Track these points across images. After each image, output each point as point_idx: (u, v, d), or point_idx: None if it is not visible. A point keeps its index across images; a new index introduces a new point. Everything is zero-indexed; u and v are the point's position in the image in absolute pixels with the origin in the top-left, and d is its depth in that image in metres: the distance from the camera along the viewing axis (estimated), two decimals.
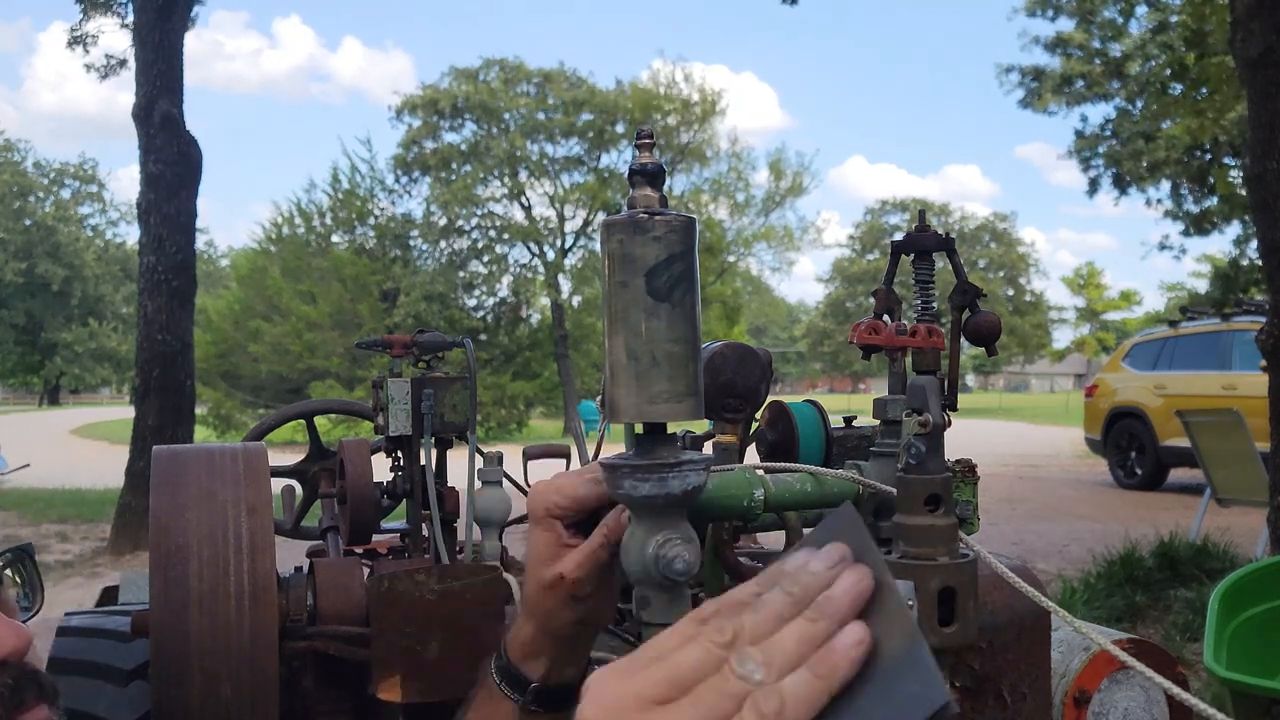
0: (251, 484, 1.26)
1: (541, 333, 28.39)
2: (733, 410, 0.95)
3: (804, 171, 29.68)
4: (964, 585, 0.65)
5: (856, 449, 0.98)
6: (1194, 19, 8.64)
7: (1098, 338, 52.14)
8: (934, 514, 0.66)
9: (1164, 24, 13.90)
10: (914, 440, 0.67)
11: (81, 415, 37.59)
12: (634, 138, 0.67)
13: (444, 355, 1.81)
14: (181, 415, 7.95)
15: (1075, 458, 15.50)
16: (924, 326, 0.80)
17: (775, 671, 0.48)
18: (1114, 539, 5.59)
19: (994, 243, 50.22)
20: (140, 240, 8.08)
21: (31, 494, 10.98)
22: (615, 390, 0.64)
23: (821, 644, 0.49)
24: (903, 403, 0.73)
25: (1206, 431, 6.59)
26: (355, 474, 1.71)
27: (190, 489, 1.23)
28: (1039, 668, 0.75)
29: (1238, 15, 4.53)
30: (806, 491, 0.78)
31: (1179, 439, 8.10)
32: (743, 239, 30.04)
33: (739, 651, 0.49)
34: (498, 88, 26.81)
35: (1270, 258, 4.43)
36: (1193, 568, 5.09)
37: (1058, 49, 16.81)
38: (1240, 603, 2.29)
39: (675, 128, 27.41)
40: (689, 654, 0.50)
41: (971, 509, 0.86)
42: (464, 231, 28.12)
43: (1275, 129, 4.37)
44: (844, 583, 0.51)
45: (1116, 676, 0.84)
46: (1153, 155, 16.41)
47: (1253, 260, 16.97)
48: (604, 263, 0.64)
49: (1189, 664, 3.45)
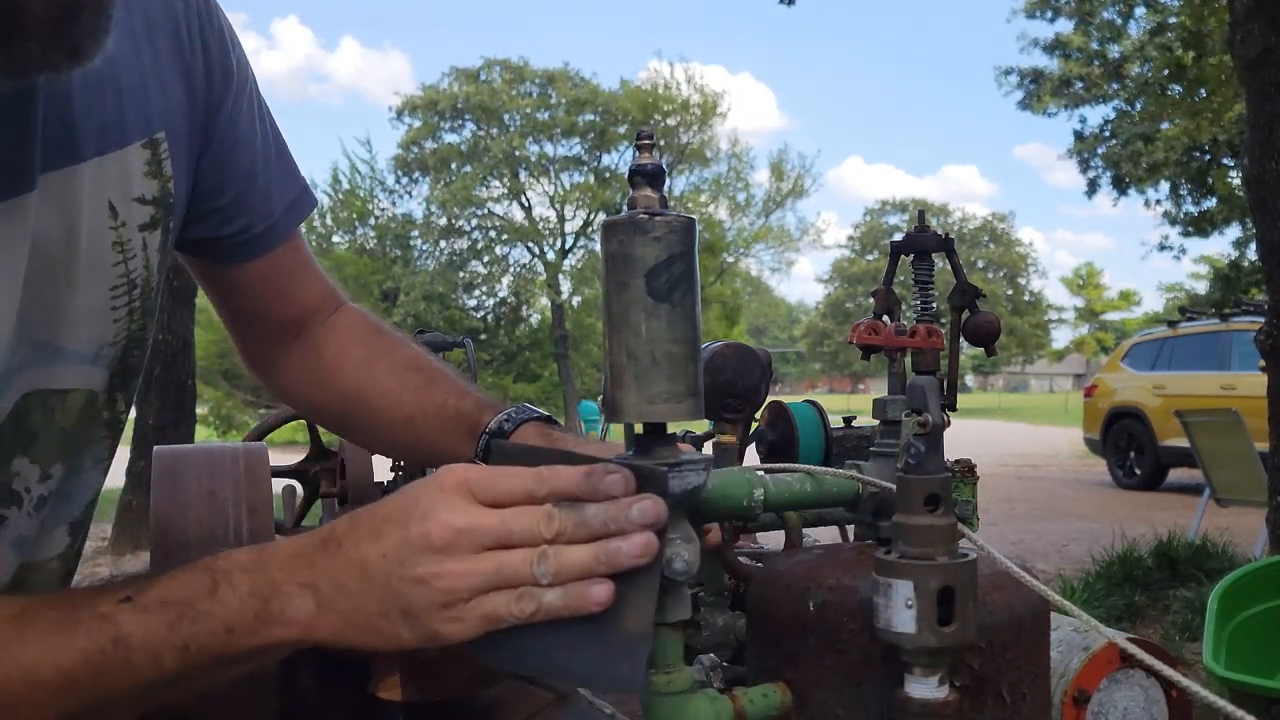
0: (252, 484, 1.26)
1: (541, 333, 28.40)
2: (733, 410, 0.95)
3: (805, 173, 29.71)
4: (964, 585, 0.65)
5: (856, 449, 0.99)
6: (1193, 20, 8.64)
7: (1097, 338, 52.17)
8: (933, 514, 0.66)
9: (1162, 25, 13.90)
10: (913, 440, 0.67)
11: None
12: (634, 138, 0.67)
13: (444, 355, 1.81)
14: (182, 414, 7.96)
15: (1074, 458, 15.51)
16: (923, 327, 0.80)
17: (560, 579, 0.60)
18: (1113, 539, 5.59)
19: (993, 243, 50.24)
20: None
21: None
22: (615, 390, 0.64)
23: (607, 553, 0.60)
24: (902, 403, 0.73)
25: (1205, 432, 6.59)
26: (356, 474, 1.71)
27: (191, 488, 1.23)
28: (1038, 667, 0.75)
29: (1236, 16, 4.53)
30: (806, 491, 0.79)
31: (1178, 439, 8.10)
32: (742, 239, 30.05)
33: (541, 555, 0.60)
34: (499, 88, 26.81)
35: (1269, 258, 4.43)
36: (1192, 568, 5.10)
37: (1056, 51, 16.81)
38: (1239, 603, 2.29)
39: (675, 128, 27.41)
40: (520, 527, 0.61)
41: (971, 509, 0.87)
42: (464, 232, 28.15)
43: (1274, 129, 4.37)
44: (644, 506, 0.61)
45: (1116, 676, 0.84)
46: (1152, 156, 16.41)
47: (1252, 261, 16.97)
48: (604, 263, 0.64)
49: (1188, 664, 3.45)
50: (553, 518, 0.61)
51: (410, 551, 0.60)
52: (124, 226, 0.78)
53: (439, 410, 1.00)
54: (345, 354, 1.04)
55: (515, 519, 0.61)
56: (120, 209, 0.78)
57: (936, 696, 0.66)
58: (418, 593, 0.60)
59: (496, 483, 0.62)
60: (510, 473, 0.63)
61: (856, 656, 0.70)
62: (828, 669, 0.71)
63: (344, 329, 1.06)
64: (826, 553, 0.79)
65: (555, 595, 0.60)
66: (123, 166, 0.77)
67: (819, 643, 0.71)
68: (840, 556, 0.76)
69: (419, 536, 0.60)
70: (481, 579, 0.60)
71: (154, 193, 0.81)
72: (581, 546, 0.61)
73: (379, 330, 1.07)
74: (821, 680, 0.71)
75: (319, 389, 1.07)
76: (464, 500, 0.62)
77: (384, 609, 0.61)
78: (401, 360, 1.03)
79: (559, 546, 0.61)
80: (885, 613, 0.66)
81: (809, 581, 0.73)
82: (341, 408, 1.06)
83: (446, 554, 0.60)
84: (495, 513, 0.62)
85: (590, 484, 0.62)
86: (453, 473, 0.63)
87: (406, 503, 0.62)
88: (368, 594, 0.61)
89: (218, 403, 23.47)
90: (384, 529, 0.62)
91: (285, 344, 1.07)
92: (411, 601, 0.60)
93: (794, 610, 0.73)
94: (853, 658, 0.70)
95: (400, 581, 0.60)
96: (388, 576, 0.61)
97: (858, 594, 0.70)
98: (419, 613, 0.60)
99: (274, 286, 1.01)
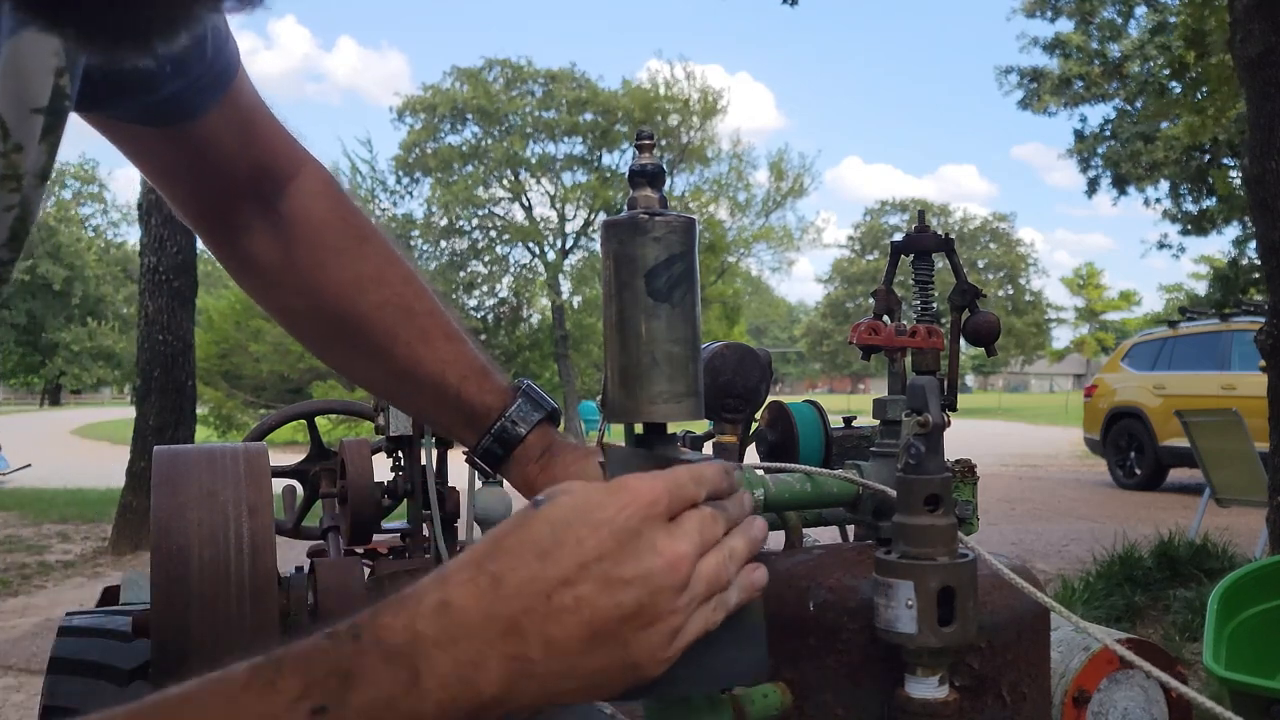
0: (252, 484, 1.26)
1: (542, 333, 28.39)
2: (733, 410, 0.95)
3: (805, 172, 29.70)
4: (964, 585, 0.65)
5: (856, 449, 0.99)
6: (1193, 19, 8.64)
7: (1097, 338, 52.14)
8: (933, 514, 0.66)
9: (1163, 24, 13.89)
10: (913, 440, 0.67)
11: (82, 415, 37.58)
12: (634, 138, 0.67)
13: None
14: (182, 415, 7.95)
15: (1075, 458, 15.50)
16: (923, 327, 0.80)
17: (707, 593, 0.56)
18: (1113, 539, 5.59)
19: (993, 243, 50.22)
20: (141, 240, 8.07)
21: (33, 494, 10.98)
22: (615, 390, 0.64)
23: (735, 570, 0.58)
24: (902, 403, 0.73)
25: (1206, 432, 6.59)
26: (356, 474, 1.71)
27: (191, 489, 1.23)
28: (1039, 667, 0.75)
29: (1237, 15, 4.53)
30: (806, 491, 0.79)
31: (1178, 439, 8.09)
32: (742, 239, 30.04)
33: (730, 554, 0.57)
34: (500, 88, 26.81)
35: (1270, 258, 4.43)
36: (1192, 568, 5.09)
37: (1056, 50, 16.80)
38: (1239, 603, 2.29)
39: (676, 128, 27.40)
40: (709, 536, 0.57)
41: (971, 509, 0.87)
42: (464, 232, 28.14)
43: (1274, 129, 4.36)
44: (747, 496, 0.61)
45: (1116, 676, 0.84)
46: (1152, 156, 16.41)
47: (1251, 260, 16.96)
48: (604, 263, 0.64)
49: (1188, 664, 3.45)
50: (718, 518, 0.58)
51: (654, 596, 0.53)
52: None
53: (436, 382, 0.95)
54: (321, 248, 0.95)
55: (703, 530, 0.56)
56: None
57: (936, 696, 0.66)
58: (650, 640, 0.53)
59: (686, 493, 0.57)
60: (683, 478, 0.58)
61: (856, 656, 0.70)
62: (828, 669, 0.71)
63: (317, 218, 0.96)
64: (826, 553, 0.79)
65: (732, 592, 0.57)
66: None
67: (819, 643, 0.71)
68: (840, 556, 0.76)
69: (664, 573, 0.53)
70: (698, 600, 0.55)
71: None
72: (736, 535, 0.59)
73: (352, 221, 0.98)
74: (821, 680, 0.71)
75: (295, 295, 0.97)
76: (664, 522, 0.56)
77: (609, 665, 0.53)
78: (392, 295, 0.96)
79: (727, 540, 0.58)
80: (886, 613, 0.66)
81: (809, 581, 0.73)
82: (319, 329, 1.00)
83: (681, 590, 0.54)
84: (688, 528, 0.56)
85: (731, 481, 0.61)
86: (656, 492, 0.56)
87: (622, 534, 0.54)
88: (592, 654, 0.53)
89: (218, 403, 23.46)
90: (616, 571, 0.53)
91: (239, 207, 0.95)
92: (640, 654, 0.54)
93: (794, 610, 0.73)
94: (853, 658, 0.70)
95: (635, 634, 0.53)
96: (621, 631, 0.53)
97: (858, 594, 0.70)
98: (645, 662, 0.54)
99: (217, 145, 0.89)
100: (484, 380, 0.97)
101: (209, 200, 0.96)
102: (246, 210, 0.96)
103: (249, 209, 0.96)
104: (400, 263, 0.99)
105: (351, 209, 1.00)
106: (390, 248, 1.00)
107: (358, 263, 0.96)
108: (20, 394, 58.77)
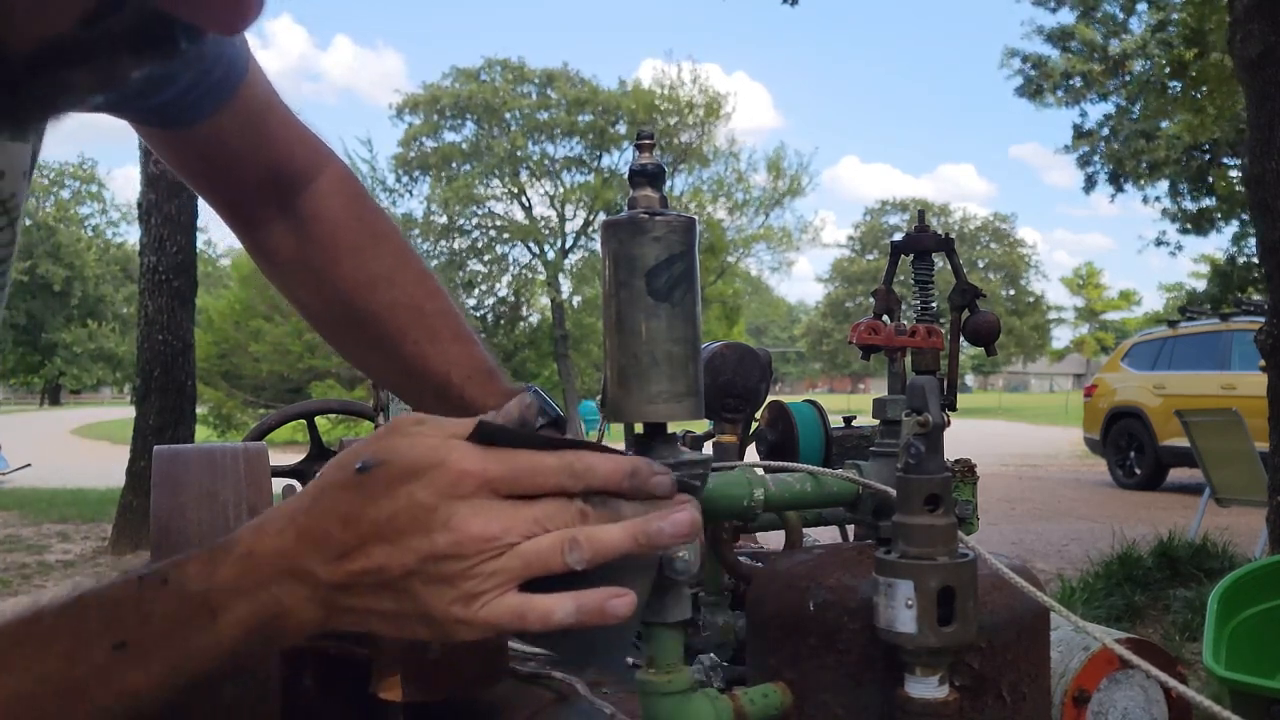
0: (253, 484, 1.26)
1: (541, 333, 28.40)
2: (733, 410, 0.95)
3: (803, 172, 29.70)
4: (963, 585, 0.65)
5: (856, 449, 0.99)
6: (1194, 18, 8.64)
7: (1097, 338, 52.16)
8: (933, 514, 0.66)
9: (1164, 22, 13.89)
10: (913, 440, 0.67)
11: (82, 415, 37.57)
12: (634, 138, 0.67)
13: None
14: (182, 415, 7.95)
15: (1075, 458, 15.50)
16: (923, 326, 0.80)
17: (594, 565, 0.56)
18: (1113, 539, 5.59)
19: (993, 243, 50.24)
20: (141, 240, 8.07)
21: (33, 494, 10.98)
22: (615, 390, 0.64)
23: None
24: (902, 403, 0.73)
25: (1206, 431, 6.59)
26: None
27: (191, 489, 1.23)
28: (1039, 667, 0.75)
29: (1237, 15, 4.53)
30: (806, 491, 0.79)
31: (1178, 439, 8.10)
32: (742, 239, 30.04)
33: (573, 542, 0.56)
34: (500, 87, 26.81)
35: (1269, 258, 4.43)
36: (1192, 567, 5.10)
37: (1058, 42, 16.78)
38: (1239, 602, 2.29)
39: (676, 128, 27.40)
40: (555, 525, 0.57)
41: (971, 509, 0.87)
42: (464, 231, 28.15)
43: (1274, 129, 4.37)
44: (681, 517, 0.58)
45: (1116, 676, 0.84)
46: (1152, 155, 16.41)
47: (1249, 258, 16.97)
48: (604, 263, 0.64)
49: (1188, 663, 3.45)
50: (587, 516, 0.57)
51: (438, 563, 0.55)
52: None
53: (441, 381, 0.96)
54: (335, 246, 0.98)
55: (549, 517, 0.56)
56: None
57: (936, 696, 0.66)
58: (441, 596, 0.56)
59: (524, 478, 0.57)
60: (537, 463, 0.57)
61: (856, 656, 0.70)
62: (828, 669, 0.71)
63: (333, 217, 0.99)
64: (826, 553, 0.79)
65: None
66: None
67: (819, 643, 0.71)
68: (840, 556, 0.76)
69: (448, 546, 0.55)
70: (511, 575, 0.56)
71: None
72: (615, 526, 0.57)
73: (368, 220, 1.00)
74: (821, 680, 0.71)
75: (309, 291, 1.01)
76: (489, 500, 0.56)
77: (401, 611, 0.57)
78: (403, 294, 0.97)
79: (590, 529, 0.56)
80: (886, 612, 0.66)
81: (809, 581, 0.73)
82: (332, 322, 1.02)
83: (477, 559, 0.55)
84: (527, 511, 0.56)
85: (635, 482, 0.58)
86: (467, 472, 0.56)
87: (417, 509, 0.56)
88: (383, 598, 0.57)
89: (218, 403, 23.47)
90: (402, 540, 0.55)
91: (255, 204, 0.98)
92: (433, 607, 0.56)
93: (794, 610, 0.73)
94: (853, 658, 0.70)
95: (423, 587, 0.56)
96: (408, 583, 0.56)
97: (858, 594, 0.70)
98: (440, 617, 0.56)
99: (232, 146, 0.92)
100: (489, 382, 0.97)
101: (225, 195, 0.99)
102: (263, 207, 0.98)
103: (265, 206, 0.98)
104: (414, 263, 1.01)
105: (368, 208, 1.02)
106: (405, 248, 1.02)
107: (371, 262, 0.98)
108: (20, 394, 58.77)
